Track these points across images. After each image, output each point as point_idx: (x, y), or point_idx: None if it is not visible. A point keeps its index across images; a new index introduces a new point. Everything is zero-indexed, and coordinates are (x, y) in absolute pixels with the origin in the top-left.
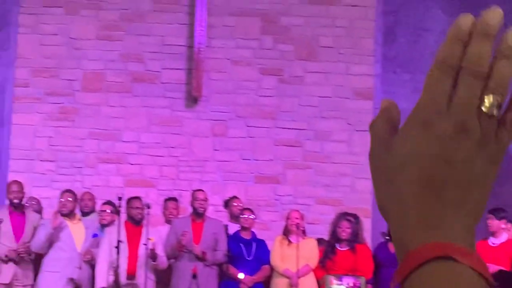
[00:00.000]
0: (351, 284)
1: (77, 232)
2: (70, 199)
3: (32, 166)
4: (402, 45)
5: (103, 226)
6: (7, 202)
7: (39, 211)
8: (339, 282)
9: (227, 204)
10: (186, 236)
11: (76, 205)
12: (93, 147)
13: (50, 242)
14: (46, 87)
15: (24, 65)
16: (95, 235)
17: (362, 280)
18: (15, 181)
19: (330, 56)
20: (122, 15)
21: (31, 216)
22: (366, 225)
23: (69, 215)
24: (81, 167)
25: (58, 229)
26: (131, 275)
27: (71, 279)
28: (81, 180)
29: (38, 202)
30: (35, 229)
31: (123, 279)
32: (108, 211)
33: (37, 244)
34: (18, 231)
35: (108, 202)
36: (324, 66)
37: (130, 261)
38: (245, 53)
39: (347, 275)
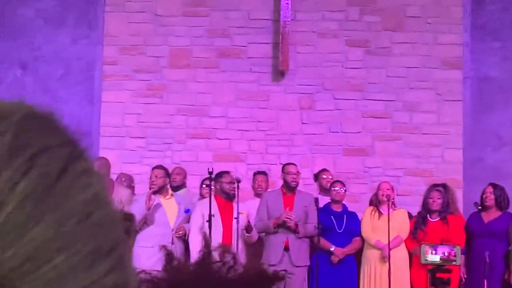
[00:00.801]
0: (446, 254)
1: (169, 207)
2: (161, 175)
3: (122, 143)
4: (491, 13)
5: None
6: None
7: (131, 186)
8: (434, 251)
9: (317, 177)
10: (287, 214)
11: (167, 180)
12: (181, 123)
13: (145, 221)
14: (134, 64)
15: (112, 43)
16: (187, 211)
17: (457, 249)
18: (100, 158)
19: (417, 26)
20: None
21: (119, 192)
22: (458, 195)
23: (161, 191)
24: (170, 143)
25: (152, 209)
26: None
27: (163, 246)
28: (170, 156)
29: (130, 178)
30: (121, 203)
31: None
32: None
33: None
34: None
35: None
36: (411, 36)
37: (225, 234)
38: (331, 25)
39: (441, 244)
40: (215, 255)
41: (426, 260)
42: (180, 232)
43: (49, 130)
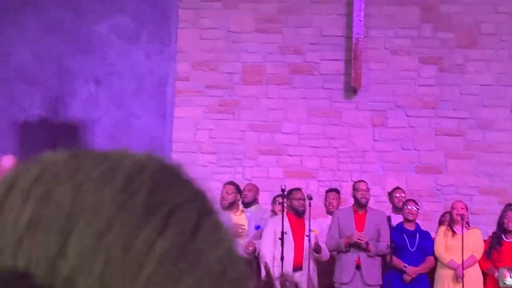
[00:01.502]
0: None
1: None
2: (232, 191)
3: (194, 159)
4: None
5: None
6: None
7: None
8: None
9: (390, 195)
10: (358, 235)
11: (238, 196)
12: (253, 139)
13: None
14: (206, 80)
15: (184, 59)
16: (257, 227)
17: None
18: None
19: (492, 43)
20: (280, 7)
21: None
22: None
23: (231, 207)
24: (241, 159)
25: None
26: (298, 266)
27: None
28: (241, 172)
29: None
30: None
31: (289, 270)
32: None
33: None
34: None
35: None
36: (485, 54)
37: (297, 252)
38: (404, 42)
39: None
40: (277, 285)
41: (504, 283)
42: (250, 249)
43: (180, 184)
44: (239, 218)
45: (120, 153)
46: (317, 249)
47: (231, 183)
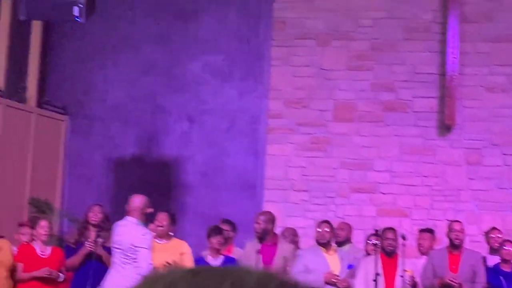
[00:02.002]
0: None
1: (333, 263)
2: (327, 229)
3: (286, 196)
4: None
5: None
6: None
7: (294, 241)
8: None
9: (486, 235)
10: (451, 276)
11: (333, 235)
12: (345, 177)
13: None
14: (298, 117)
15: (277, 97)
16: (350, 266)
17: None
18: (266, 212)
19: None
20: (373, 45)
21: (283, 247)
22: None
23: (326, 245)
24: (333, 197)
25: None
26: None
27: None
28: (334, 210)
29: (294, 232)
30: (285, 259)
31: None
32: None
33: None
34: (268, 261)
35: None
36: None
37: None
38: (499, 79)
39: None
40: None
41: None
42: (344, 284)
43: None
44: (332, 259)
45: (239, 271)
46: (414, 286)
47: (327, 221)
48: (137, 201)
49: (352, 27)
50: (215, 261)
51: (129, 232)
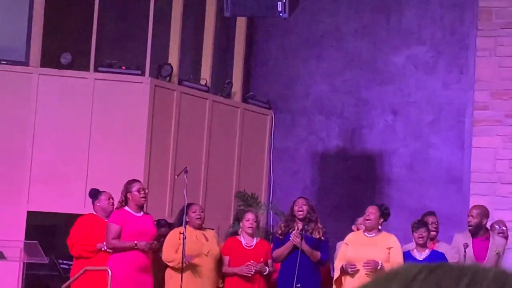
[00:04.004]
0: None
1: None
2: None
3: (494, 189)
4: None
5: None
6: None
7: (506, 236)
8: None
9: None
10: None
11: None
12: None
13: None
14: (505, 109)
15: (483, 88)
16: None
17: None
18: (480, 206)
19: None
20: None
21: (495, 241)
22: None
23: None
24: None
25: None
26: None
27: None
28: None
29: (505, 225)
30: (497, 254)
31: None
32: None
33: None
34: (480, 256)
35: None
36: None
37: None
38: None
39: None
40: None
41: None
42: None
43: None
44: None
45: (475, 267)
46: None
47: None
48: None
49: None
50: (421, 255)
51: None
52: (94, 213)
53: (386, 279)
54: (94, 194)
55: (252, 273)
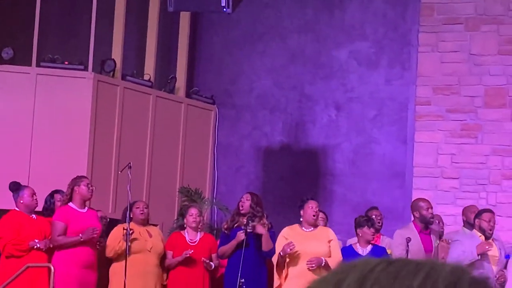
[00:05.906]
0: None
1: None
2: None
3: (435, 184)
4: None
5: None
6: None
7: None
8: None
9: None
10: None
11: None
12: (497, 164)
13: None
14: (447, 104)
15: (425, 83)
16: (507, 256)
17: None
18: (421, 199)
19: None
20: None
21: (435, 234)
22: None
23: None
24: (485, 184)
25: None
26: None
27: None
28: (485, 197)
29: (440, 219)
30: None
31: None
32: None
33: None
34: (427, 249)
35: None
36: None
37: None
38: None
39: None
40: None
41: None
42: (501, 280)
43: None
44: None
45: (431, 262)
46: None
47: (488, 210)
48: None
49: (502, 10)
50: (364, 250)
51: None
52: (17, 209)
53: (344, 270)
54: (16, 188)
55: (189, 255)
